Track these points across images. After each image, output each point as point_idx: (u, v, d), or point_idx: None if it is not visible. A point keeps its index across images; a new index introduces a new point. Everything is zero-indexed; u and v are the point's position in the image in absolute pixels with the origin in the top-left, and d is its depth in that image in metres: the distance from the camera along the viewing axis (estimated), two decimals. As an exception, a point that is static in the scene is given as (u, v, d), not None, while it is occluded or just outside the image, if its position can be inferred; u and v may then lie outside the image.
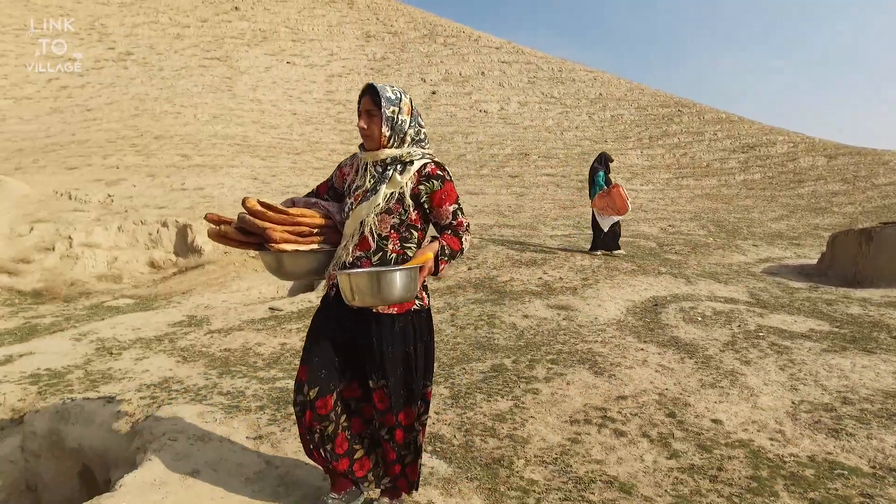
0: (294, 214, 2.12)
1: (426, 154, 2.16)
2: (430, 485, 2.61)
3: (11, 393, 3.96)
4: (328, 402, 2.12)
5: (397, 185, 2.07)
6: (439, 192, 2.10)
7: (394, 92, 2.11)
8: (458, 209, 2.15)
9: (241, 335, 5.24)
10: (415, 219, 2.12)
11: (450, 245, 2.07)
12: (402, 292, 1.90)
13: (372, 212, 2.08)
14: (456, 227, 2.12)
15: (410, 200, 2.09)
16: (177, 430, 2.95)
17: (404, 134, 2.12)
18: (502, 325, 5.36)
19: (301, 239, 2.11)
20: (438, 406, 3.53)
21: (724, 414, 3.47)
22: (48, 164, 15.74)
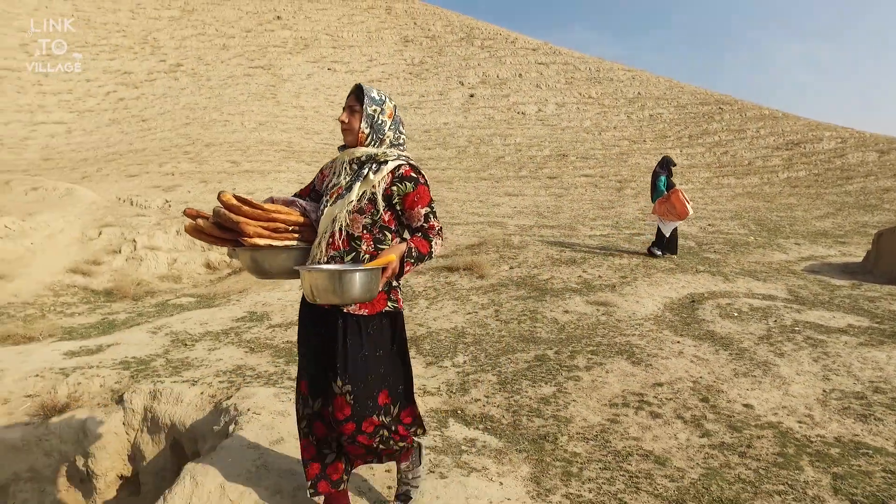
0: (269, 210, 2.08)
1: (402, 156, 2.16)
2: (483, 455, 2.95)
3: (108, 377, 4.48)
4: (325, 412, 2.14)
5: (370, 184, 2.07)
6: (412, 194, 2.10)
7: (379, 94, 2.16)
8: (430, 212, 2.13)
9: (284, 334, 5.68)
10: (388, 220, 2.11)
11: (418, 248, 2.05)
12: (362, 292, 1.89)
13: (344, 209, 2.07)
14: (427, 231, 2.11)
15: (383, 201, 2.08)
16: (259, 407, 3.37)
17: (383, 135, 2.14)
18: (544, 319, 5.65)
19: (276, 235, 2.07)
20: (488, 390, 3.87)
21: (756, 400, 3.70)
22: (111, 173, 16.73)
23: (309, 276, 1.89)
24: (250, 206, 2.02)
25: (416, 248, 2.04)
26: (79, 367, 4.72)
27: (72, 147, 21.86)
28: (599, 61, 32.64)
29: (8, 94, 26.77)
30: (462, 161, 19.48)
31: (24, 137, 23.01)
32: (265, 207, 2.06)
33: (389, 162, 2.09)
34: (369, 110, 2.11)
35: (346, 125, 2.13)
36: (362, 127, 2.11)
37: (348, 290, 1.86)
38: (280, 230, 2.08)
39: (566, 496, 2.59)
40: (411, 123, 23.90)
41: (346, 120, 2.13)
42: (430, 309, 6.17)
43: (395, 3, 42.73)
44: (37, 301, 9.01)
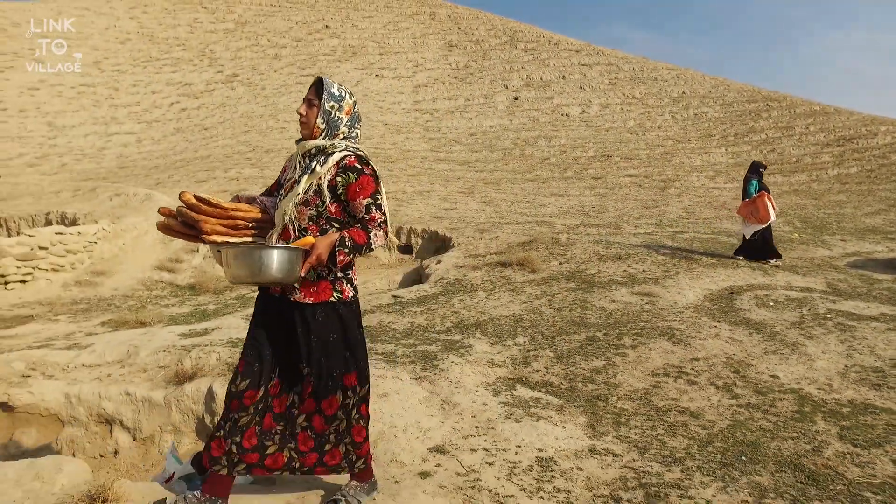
0: (228, 208, 2.16)
1: (350, 147, 2.19)
2: (547, 408, 3.63)
3: (222, 352, 5.34)
4: (255, 396, 2.16)
5: (317, 177, 2.11)
6: (354, 184, 2.11)
7: (339, 90, 2.20)
8: (372, 204, 2.14)
9: (376, 317, 6.47)
10: (334, 211, 2.14)
11: (353, 237, 2.06)
12: (277, 272, 1.89)
13: (290, 202, 2.12)
14: (367, 222, 2.12)
15: (328, 192, 2.11)
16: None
17: (338, 130, 2.18)
18: (593, 307, 6.28)
19: (234, 231, 2.15)
20: (546, 364, 4.54)
21: (782, 372, 4.26)
22: (181, 179, 18.06)
23: (223, 254, 1.95)
24: (209, 206, 2.12)
25: (350, 237, 2.06)
26: (195, 345, 5.61)
27: (143, 155, 23.49)
28: (644, 61, 32.69)
29: (86, 108, 28.85)
30: (508, 163, 20.11)
31: (101, 148, 24.84)
32: (223, 206, 2.16)
33: (336, 153, 2.13)
34: (327, 106, 2.15)
35: (303, 118, 2.18)
36: (318, 122, 2.15)
37: (263, 268, 1.88)
38: (239, 227, 2.17)
39: (616, 437, 3.25)
40: (458, 127, 24.66)
41: (303, 113, 2.18)
42: (489, 299, 6.87)
43: (439, 9, 43.63)
44: (134, 294, 10.16)
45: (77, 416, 4.84)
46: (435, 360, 4.52)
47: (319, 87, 2.17)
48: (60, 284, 10.24)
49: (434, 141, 22.58)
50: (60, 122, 27.81)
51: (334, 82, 2.20)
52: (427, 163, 19.30)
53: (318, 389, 2.18)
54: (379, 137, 22.45)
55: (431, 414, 3.38)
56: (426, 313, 6.41)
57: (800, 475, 2.77)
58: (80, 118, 28.35)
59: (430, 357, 4.60)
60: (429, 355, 4.68)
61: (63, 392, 4.86)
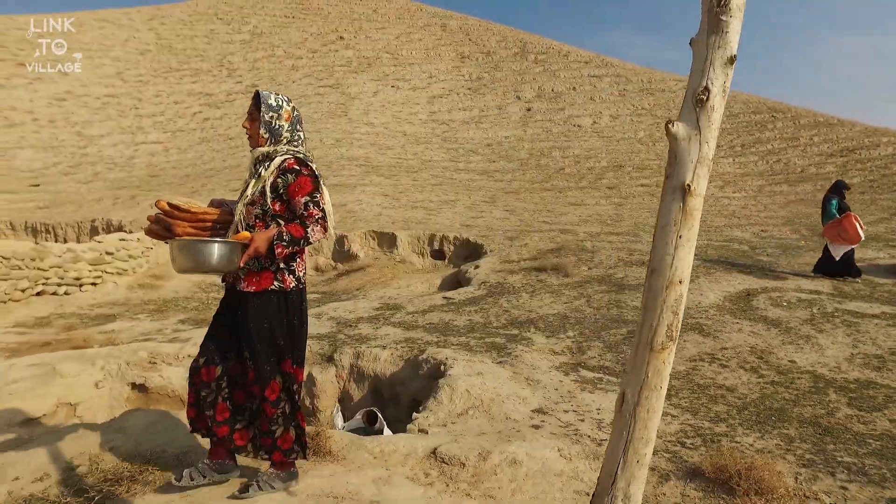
0: (196, 212, 2.43)
1: (290, 151, 2.41)
2: (609, 384, 4.48)
3: (311, 345, 6.19)
4: (212, 372, 2.38)
5: (262, 180, 2.35)
6: (293, 184, 2.33)
7: (276, 100, 2.41)
8: (309, 201, 2.33)
9: (435, 315, 7.33)
10: (278, 209, 2.37)
11: (290, 231, 2.27)
12: (218, 261, 2.13)
13: (241, 203, 2.39)
14: (305, 218, 2.32)
15: (270, 192, 2.34)
16: (450, 359, 4.99)
17: (280, 136, 2.41)
18: (627, 306, 7.13)
19: (203, 232, 2.41)
20: (599, 352, 5.39)
21: (798, 358, 5.11)
22: (215, 188, 18.97)
23: (170, 246, 2.19)
24: (179, 211, 2.42)
25: (288, 232, 2.27)
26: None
27: (171, 164, 24.42)
28: (651, 72, 33.61)
29: (113, 118, 29.83)
30: (525, 173, 20.99)
31: (130, 157, 25.78)
32: (192, 210, 2.45)
33: (277, 157, 2.37)
34: (266, 117, 2.38)
35: (248, 131, 2.44)
36: (261, 132, 2.38)
37: (204, 258, 2.12)
38: (208, 227, 2.44)
39: (671, 405, 4.10)
40: (474, 138, 25.56)
41: (247, 126, 2.44)
42: (533, 300, 7.73)
43: (450, 20, 44.66)
44: (193, 296, 11.03)
45: (199, 396, 5.69)
46: (505, 349, 5.38)
47: (258, 99, 2.40)
48: (125, 287, 11.11)
49: (452, 151, 23.49)
50: (89, 131, 28.80)
51: (271, 93, 2.44)
52: (448, 172, 20.19)
53: (258, 376, 2.34)
54: (400, 148, 23.37)
55: (522, 387, 4.23)
56: (480, 312, 7.27)
57: (818, 429, 3.61)
58: (108, 128, 29.33)
59: (500, 347, 5.46)
60: (498, 346, 5.54)
61: (184, 376, 5.72)
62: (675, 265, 1.38)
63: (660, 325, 1.42)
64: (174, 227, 2.38)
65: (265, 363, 2.34)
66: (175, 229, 2.37)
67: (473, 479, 2.73)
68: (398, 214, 14.56)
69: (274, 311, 2.35)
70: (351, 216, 14.56)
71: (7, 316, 8.66)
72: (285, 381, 2.39)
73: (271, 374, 2.35)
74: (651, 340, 1.42)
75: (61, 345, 6.86)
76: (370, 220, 14.23)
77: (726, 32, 1.37)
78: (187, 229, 2.39)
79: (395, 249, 12.82)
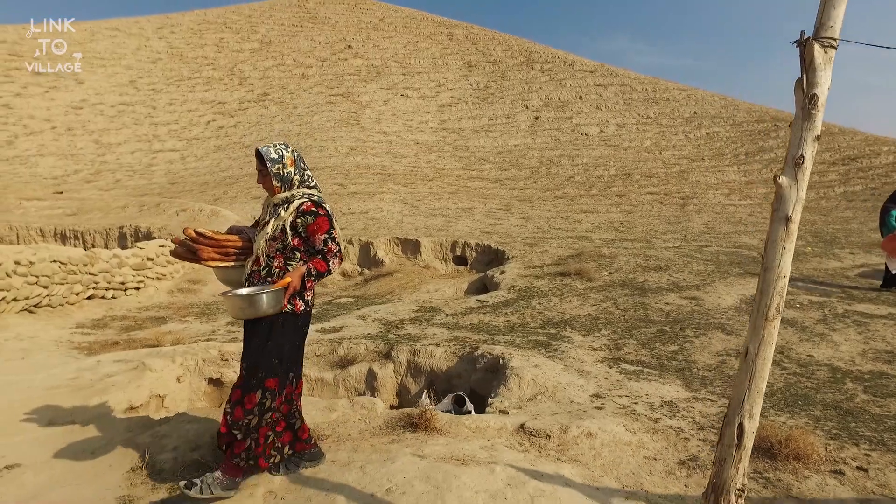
0: (219, 240, 2.72)
1: (306, 194, 2.72)
2: (650, 375, 5.03)
3: (367, 344, 6.73)
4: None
5: (282, 220, 2.66)
6: (312, 224, 2.66)
7: (276, 151, 2.71)
8: (328, 238, 2.68)
9: (474, 316, 7.88)
10: (296, 244, 2.69)
11: (316, 267, 2.64)
12: (268, 308, 2.47)
13: (262, 239, 2.69)
14: (325, 253, 2.68)
15: (290, 231, 2.66)
16: (507, 354, 5.54)
17: (291, 180, 2.72)
18: (652, 308, 7.69)
19: (226, 257, 2.73)
20: (634, 348, 5.94)
21: (815, 353, 5.67)
22: (237, 195, 19.55)
23: (228, 300, 2.53)
24: (205, 238, 2.72)
25: (314, 267, 2.64)
26: (340, 339, 7.01)
27: (189, 171, 25.00)
28: (655, 81, 34.29)
29: (128, 126, 30.43)
30: (537, 181, 21.58)
31: (148, 164, 26.37)
32: (216, 237, 2.73)
33: (296, 200, 2.69)
34: (273, 169, 2.68)
35: (263, 185, 2.78)
36: (274, 183, 2.70)
37: (258, 307, 2.46)
38: (230, 253, 2.76)
39: (707, 391, 4.65)
40: (484, 146, 26.16)
41: (261, 183, 2.77)
42: (563, 303, 8.28)
43: (455, 30, 45.37)
44: (231, 300, 11.57)
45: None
46: (549, 346, 5.94)
47: (260, 157, 2.69)
48: (165, 291, 11.66)
49: (464, 160, 24.11)
50: (106, 139, 29.40)
51: (269, 147, 2.73)
52: (462, 181, 20.79)
53: (244, 384, 2.61)
54: (413, 156, 23.97)
55: (576, 378, 4.79)
56: (515, 313, 7.83)
57: (840, 411, 4.17)
58: (124, 136, 29.95)
59: (544, 344, 6.02)
60: (541, 343, 6.10)
61: (257, 370, 6.27)
62: (781, 265, 2.00)
63: (772, 303, 2.03)
64: (200, 252, 2.70)
65: (253, 376, 2.59)
66: (201, 254, 2.70)
67: (559, 447, 3.29)
68: (419, 222, 15.12)
69: (279, 332, 2.61)
70: (374, 223, 15.14)
71: (66, 318, 9.21)
72: (263, 396, 2.61)
73: (255, 387, 2.59)
74: (766, 313, 2.03)
75: (130, 344, 7.41)
76: (392, 227, 14.79)
77: (814, 120, 2.00)
78: (212, 254, 2.70)
79: (418, 255, 13.38)
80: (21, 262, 8.88)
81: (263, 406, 2.60)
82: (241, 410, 2.57)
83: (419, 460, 2.84)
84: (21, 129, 29.26)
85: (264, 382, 2.58)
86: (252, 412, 2.58)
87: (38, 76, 35.78)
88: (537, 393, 4.31)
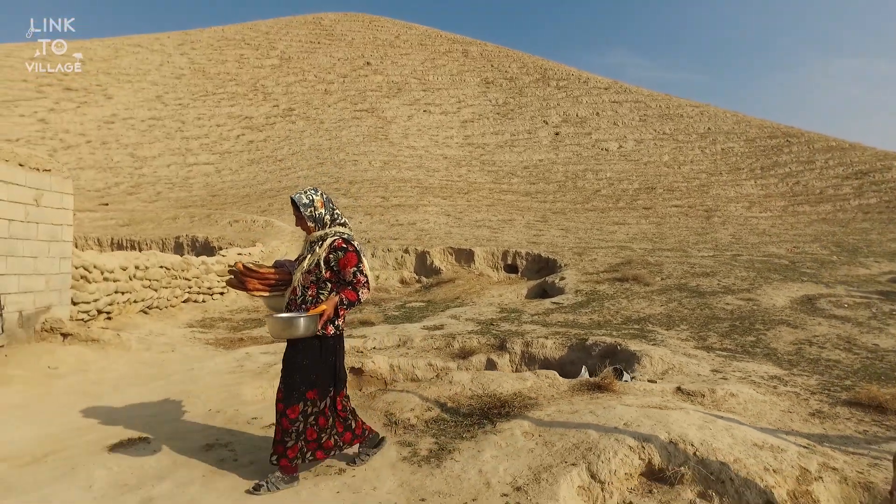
0: (264, 272, 3.11)
1: (337, 232, 3.05)
2: (745, 359, 5.96)
3: (477, 339, 7.63)
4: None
5: (317, 256, 2.99)
6: (343, 259, 2.96)
7: (307, 197, 3.04)
8: (356, 271, 2.97)
9: (558, 315, 8.81)
10: (328, 276, 2.99)
11: (347, 297, 2.92)
12: (304, 331, 2.81)
13: (299, 272, 3.02)
14: (355, 284, 2.95)
15: (323, 265, 2.97)
16: (619, 342, 6.46)
17: (323, 220, 3.04)
18: (716, 308, 8.64)
19: (269, 288, 3.12)
20: (717, 339, 6.88)
21: (879, 342, 6.61)
22: (283, 207, 20.50)
23: (269, 322, 2.90)
24: (251, 271, 3.13)
25: (346, 297, 2.93)
26: (448, 335, 7.93)
27: (227, 184, 25.97)
28: (668, 98, 35.47)
29: (161, 140, 31.46)
30: (565, 194, 22.60)
31: (185, 177, 27.35)
32: (261, 271, 3.13)
33: (329, 238, 3.02)
34: (306, 213, 3.03)
35: (302, 227, 3.11)
36: (309, 225, 3.05)
37: (294, 330, 2.81)
38: (274, 284, 3.15)
39: (799, 370, 5.57)
40: (510, 161, 27.21)
41: (298, 226, 3.12)
42: (632, 304, 9.23)
43: (470, 47, 46.67)
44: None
45: (396, 378, 7.14)
46: (645, 337, 6.87)
47: (294, 205, 3.06)
48: (245, 295, 12.57)
49: (493, 174, 25.15)
50: (141, 153, 30.41)
51: (301, 193, 3.09)
52: (495, 194, 21.80)
53: (286, 397, 2.97)
54: (444, 171, 25.01)
55: (687, 359, 5.73)
56: (594, 313, 8.77)
57: (915, 384, 5.12)
58: (158, 150, 30.96)
59: (640, 336, 6.95)
60: (636, 335, 7.03)
61: (388, 363, 7.17)
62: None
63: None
64: (247, 283, 3.12)
65: (294, 390, 2.95)
66: (247, 285, 3.12)
67: (713, 403, 4.21)
68: (467, 232, 16.08)
69: (313, 351, 2.97)
70: (425, 234, 16.10)
71: (174, 319, 10.12)
72: (305, 405, 2.99)
73: (297, 399, 2.96)
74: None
75: (256, 340, 8.32)
76: (442, 237, 15.74)
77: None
78: (256, 285, 3.13)
79: (472, 264, 14.33)
80: (139, 267, 9.80)
81: (307, 413, 3.00)
82: (287, 421, 2.95)
83: (629, 407, 3.76)
84: (58, 143, 30.28)
85: (305, 395, 2.98)
86: (297, 420, 2.98)
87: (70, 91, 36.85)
88: (668, 369, 5.24)
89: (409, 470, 3.21)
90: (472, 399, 4.31)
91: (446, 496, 2.92)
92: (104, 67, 40.83)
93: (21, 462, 3.45)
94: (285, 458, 2.97)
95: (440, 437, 3.65)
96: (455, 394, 4.46)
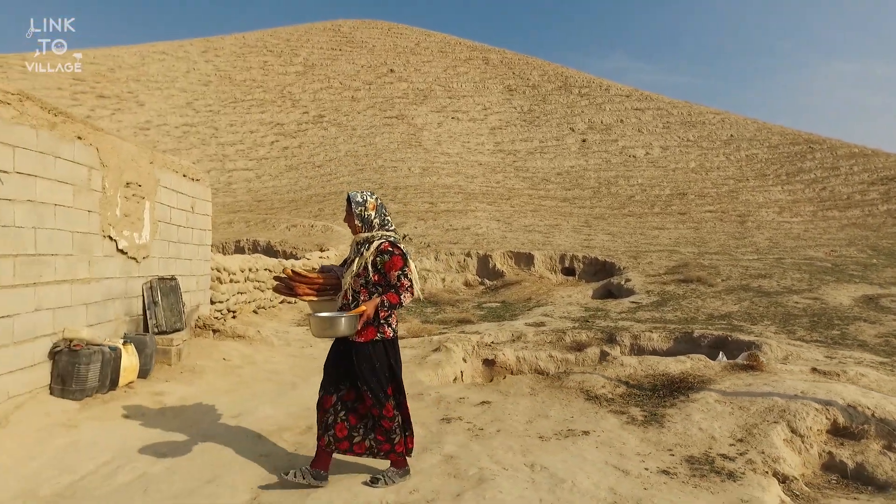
0: (313, 278, 3.17)
1: (384, 236, 3.08)
2: (832, 348, 6.81)
3: (589, 333, 8.47)
4: (329, 401, 3.11)
5: (364, 259, 3.03)
6: (388, 262, 3.01)
7: (362, 197, 3.10)
8: (401, 274, 3.00)
9: (644, 313, 9.64)
10: (377, 280, 3.03)
11: (389, 299, 2.96)
12: (345, 330, 2.89)
13: (349, 276, 3.08)
14: (398, 287, 2.99)
15: (371, 268, 3.01)
16: (728, 334, 7.29)
17: (371, 223, 3.08)
18: (787, 306, 9.46)
19: (318, 293, 3.17)
20: (804, 332, 7.71)
21: (952, 336, 7.46)
22: (334, 212, 21.37)
23: (310, 320, 2.98)
24: (300, 277, 3.17)
25: (387, 299, 2.96)
26: (554, 330, 8.77)
27: (270, 190, 26.84)
28: (689, 105, 36.37)
29: (196, 146, 32.38)
30: (601, 200, 23.46)
31: (227, 183, 28.24)
32: (310, 276, 3.17)
33: (375, 241, 3.04)
34: (356, 211, 3.07)
35: (349, 224, 3.14)
36: (357, 223, 3.08)
37: (335, 328, 2.91)
38: (322, 289, 3.19)
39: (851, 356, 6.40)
40: (543, 167, 28.10)
41: (347, 223, 3.15)
42: (705, 302, 10.06)
43: (490, 54, 47.62)
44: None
45: (521, 369, 7.98)
46: (741, 329, 7.72)
47: (349, 200, 3.12)
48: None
49: (528, 180, 26.04)
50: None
51: (358, 192, 3.16)
52: (534, 200, 22.67)
53: (376, 402, 3.05)
54: (482, 177, 25.90)
55: (796, 347, 6.58)
56: (676, 311, 9.61)
57: None
58: (195, 156, 31.88)
59: (735, 329, 7.80)
60: (733, 328, 7.87)
61: (515, 355, 7.99)
62: None
63: None
64: (296, 288, 3.15)
65: (379, 392, 3.05)
66: (297, 290, 3.15)
67: (850, 380, 5.06)
68: (521, 237, 16.93)
69: (380, 353, 3.06)
70: (482, 239, 16.96)
71: (281, 319, 10.96)
72: (395, 401, 3.14)
73: (386, 398, 3.07)
74: None
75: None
76: (499, 241, 16.60)
77: None
78: (305, 290, 3.16)
79: (532, 267, 15.19)
80: (251, 269, 10.67)
81: (399, 403, 3.19)
82: (388, 422, 3.08)
83: (795, 381, 4.62)
84: (101, 150, 31.12)
85: (387, 391, 3.10)
86: (395, 416, 3.12)
87: (103, 99, 37.83)
88: (788, 355, 6.09)
89: (639, 431, 4.05)
90: (646, 378, 5.16)
91: (686, 447, 3.75)
92: (133, 75, 41.84)
93: (299, 430, 4.04)
94: (394, 454, 3.14)
95: (644, 406, 4.49)
96: (630, 374, 5.31)
